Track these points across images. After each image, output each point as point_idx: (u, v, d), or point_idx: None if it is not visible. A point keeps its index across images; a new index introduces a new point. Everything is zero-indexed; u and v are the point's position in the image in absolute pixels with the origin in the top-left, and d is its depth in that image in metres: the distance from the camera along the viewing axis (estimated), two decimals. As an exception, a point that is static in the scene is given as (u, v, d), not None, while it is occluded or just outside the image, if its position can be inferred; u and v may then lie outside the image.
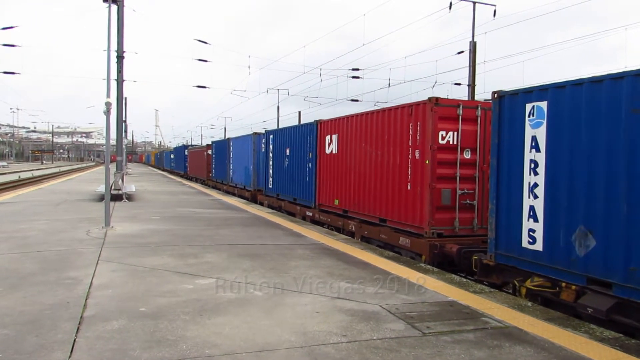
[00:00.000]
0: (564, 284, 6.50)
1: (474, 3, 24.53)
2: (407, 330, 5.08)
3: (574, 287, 6.36)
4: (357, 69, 33.07)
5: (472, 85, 24.49)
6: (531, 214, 6.93)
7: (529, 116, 6.99)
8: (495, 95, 7.61)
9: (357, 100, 37.31)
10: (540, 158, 6.81)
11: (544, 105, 6.78)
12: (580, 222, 6.23)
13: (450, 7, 24.48)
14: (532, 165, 6.92)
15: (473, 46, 24.46)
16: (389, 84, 31.03)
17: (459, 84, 28.24)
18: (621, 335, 5.20)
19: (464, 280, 7.58)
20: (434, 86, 28.82)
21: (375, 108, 12.91)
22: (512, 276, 7.37)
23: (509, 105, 7.36)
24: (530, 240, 6.94)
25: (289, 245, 10.11)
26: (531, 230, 6.93)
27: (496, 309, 5.92)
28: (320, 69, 33.43)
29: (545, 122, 6.76)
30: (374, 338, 4.84)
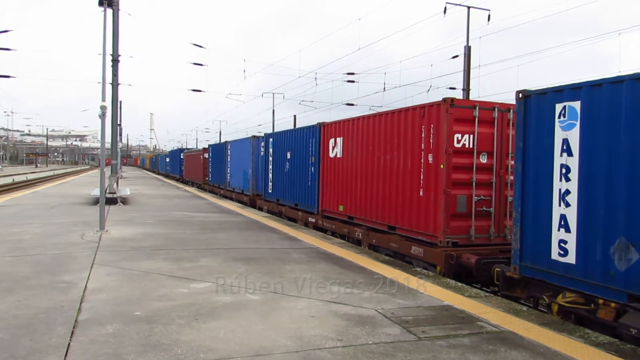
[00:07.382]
0: (601, 301, 5.95)
1: (468, 8, 24.72)
2: (402, 335, 5.08)
3: (613, 304, 5.81)
4: (353, 73, 33.21)
5: (466, 90, 24.63)
6: (562, 223, 6.36)
7: (559, 117, 6.42)
8: (520, 95, 7.00)
9: (352, 105, 37.43)
10: (573, 162, 6.24)
11: (576, 105, 6.20)
12: (621, 233, 5.66)
13: (444, 12, 24.67)
14: (564, 171, 6.34)
15: (467, 50, 24.60)
16: (384, 88, 31.17)
17: (454, 88, 28.38)
18: (616, 340, 5.21)
19: (460, 284, 7.56)
20: (429, 90, 28.98)
21: (372, 112, 12.88)
22: (540, 290, 6.87)
23: (536, 105, 6.78)
24: (561, 252, 6.37)
25: (285, 250, 10.09)
26: (562, 241, 6.37)
27: (492, 314, 5.93)
28: (316, 73, 33.59)
29: (578, 123, 6.18)
30: (370, 342, 4.83)
